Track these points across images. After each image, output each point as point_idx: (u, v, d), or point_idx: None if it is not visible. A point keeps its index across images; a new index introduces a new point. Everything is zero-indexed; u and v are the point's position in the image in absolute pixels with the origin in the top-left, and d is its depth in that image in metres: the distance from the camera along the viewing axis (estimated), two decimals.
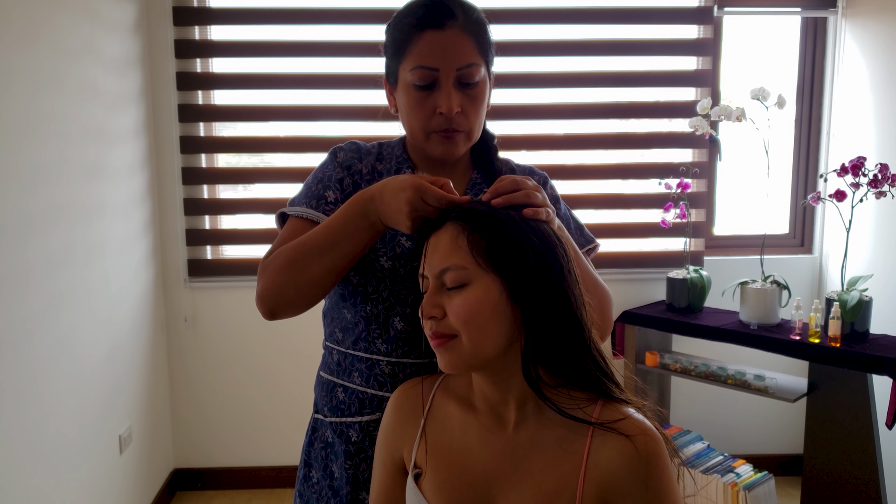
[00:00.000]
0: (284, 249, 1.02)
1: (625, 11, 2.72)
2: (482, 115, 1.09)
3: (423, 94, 1.04)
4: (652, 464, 0.82)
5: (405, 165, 1.13)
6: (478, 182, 1.14)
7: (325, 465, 1.17)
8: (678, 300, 2.61)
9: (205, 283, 2.77)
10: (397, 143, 1.18)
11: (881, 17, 2.58)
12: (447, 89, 1.03)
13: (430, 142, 1.07)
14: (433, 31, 1.02)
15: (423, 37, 1.03)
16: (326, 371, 1.18)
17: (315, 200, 1.10)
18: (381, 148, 1.18)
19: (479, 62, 1.05)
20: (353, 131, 2.75)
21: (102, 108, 2.26)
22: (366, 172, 1.13)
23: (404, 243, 1.08)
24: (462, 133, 1.07)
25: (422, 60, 1.03)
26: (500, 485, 0.89)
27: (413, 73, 1.04)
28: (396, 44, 1.07)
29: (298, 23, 2.68)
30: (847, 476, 2.27)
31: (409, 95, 1.06)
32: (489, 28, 1.09)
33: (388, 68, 1.11)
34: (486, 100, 1.10)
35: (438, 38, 1.02)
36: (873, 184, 2.17)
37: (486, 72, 1.08)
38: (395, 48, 1.07)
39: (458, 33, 1.03)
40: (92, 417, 2.16)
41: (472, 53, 1.04)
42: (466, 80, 1.04)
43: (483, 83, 1.07)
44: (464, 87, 1.05)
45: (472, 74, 1.04)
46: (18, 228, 1.77)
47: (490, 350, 0.85)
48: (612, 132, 2.82)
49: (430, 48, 1.02)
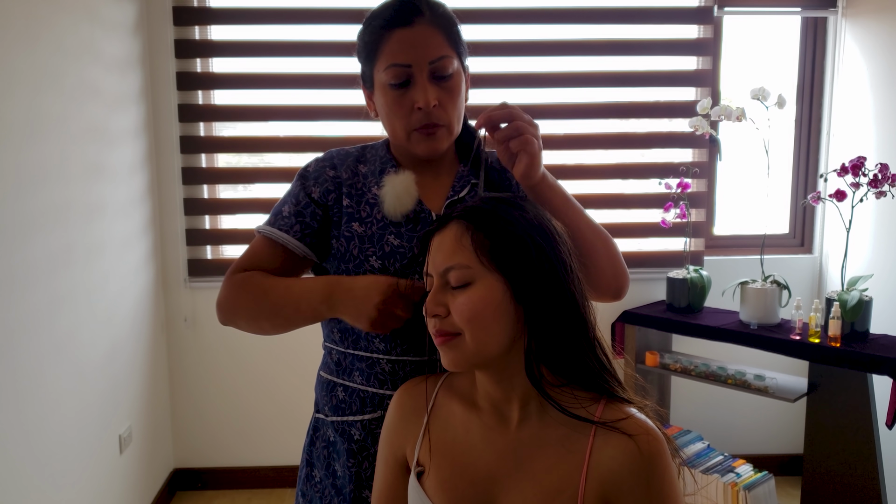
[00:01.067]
0: (248, 285, 1.10)
1: (625, 11, 2.73)
2: (460, 108, 1.10)
3: (399, 92, 1.05)
4: (654, 463, 0.83)
5: (389, 165, 1.14)
6: (465, 175, 1.15)
7: (327, 464, 1.17)
8: (678, 300, 2.61)
9: (205, 283, 2.77)
10: (381, 145, 1.19)
11: (881, 17, 2.58)
12: (422, 84, 1.04)
13: (412, 141, 1.08)
14: (402, 29, 1.04)
15: (393, 36, 1.04)
16: (326, 371, 1.18)
17: (274, 217, 1.15)
18: (365, 150, 1.19)
19: (451, 54, 1.06)
20: (353, 131, 2.75)
21: (102, 108, 2.26)
22: (346, 178, 1.14)
23: (392, 242, 1.09)
24: (442, 127, 1.07)
25: (394, 59, 1.04)
26: (503, 483, 0.89)
27: (387, 72, 1.05)
28: (368, 47, 1.08)
29: (299, 23, 2.68)
30: (847, 476, 2.27)
31: (385, 96, 1.07)
32: (457, 22, 1.10)
33: (364, 73, 1.13)
34: (463, 92, 1.11)
35: (408, 35, 1.03)
36: (873, 184, 2.17)
37: (460, 64, 1.09)
38: (368, 52, 1.08)
39: (426, 28, 1.04)
40: (92, 417, 2.16)
41: (442, 46, 1.05)
42: (440, 73, 1.05)
43: (457, 75, 1.08)
44: (438, 80, 1.06)
45: (446, 67, 1.05)
46: (18, 228, 1.77)
47: (493, 349, 0.86)
48: (612, 132, 2.82)
49: (400, 46, 1.04)
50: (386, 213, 1.09)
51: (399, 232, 1.09)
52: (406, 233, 1.09)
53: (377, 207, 1.11)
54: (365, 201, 1.12)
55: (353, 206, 1.12)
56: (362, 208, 1.11)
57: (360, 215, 1.11)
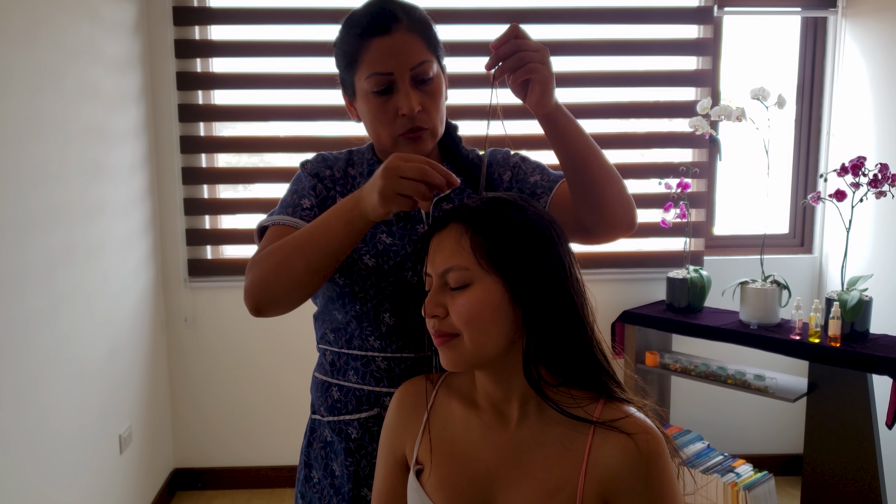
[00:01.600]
0: (271, 247, 1.02)
1: (625, 11, 2.73)
2: (443, 110, 1.11)
3: (381, 99, 1.06)
4: (653, 462, 0.83)
5: (376, 167, 1.14)
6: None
7: (325, 465, 1.17)
8: (678, 300, 2.61)
9: (205, 283, 2.77)
10: (367, 148, 1.19)
11: (881, 17, 2.58)
12: (405, 90, 1.04)
13: (398, 146, 1.08)
14: (380, 37, 1.04)
15: (372, 44, 1.04)
16: (321, 372, 1.19)
17: (291, 209, 1.11)
18: (352, 154, 1.19)
19: (430, 58, 1.06)
20: (353, 131, 2.75)
21: (102, 108, 2.26)
22: (339, 177, 1.15)
23: (385, 240, 1.09)
24: (427, 130, 1.08)
25: (375, 67, 1.04)
26: (502, 481, 0.89)
27: (369, 80, 1.05)
28: (347, 57, 1.08)
29: (299, 23, 2.68)
30: (847, 476, 2.27)
31: (369, 104, 1.07)
32: (433, 24, 1.10)
33: (343, 81, 1.12)
34: (444, 93, 1.11)
35: (387, 44, 1.03)
36: (873, 184, 2.17)
37: (439, 66, 1.10)
38: (347, 61, 1.08)
39: (404, 35, 1.04)
40: (92, 417, 2.16)
41: (422, 51, 1.05)
42: (422, 77, 1.06)
43: (438, 78, 1.08)
44: (420, 84, 1.06)
45: (426, 71, 1.06)
46: (19, 228, 1.77)
47: (491, 350, 0.86)
48: (612, 132, 2.82)
49: (380, 55, 1.04)
50: None
51: (391, 230, 1.10)
52: (398, 231, 1.10)
53: None
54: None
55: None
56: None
57: None
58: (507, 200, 0.90)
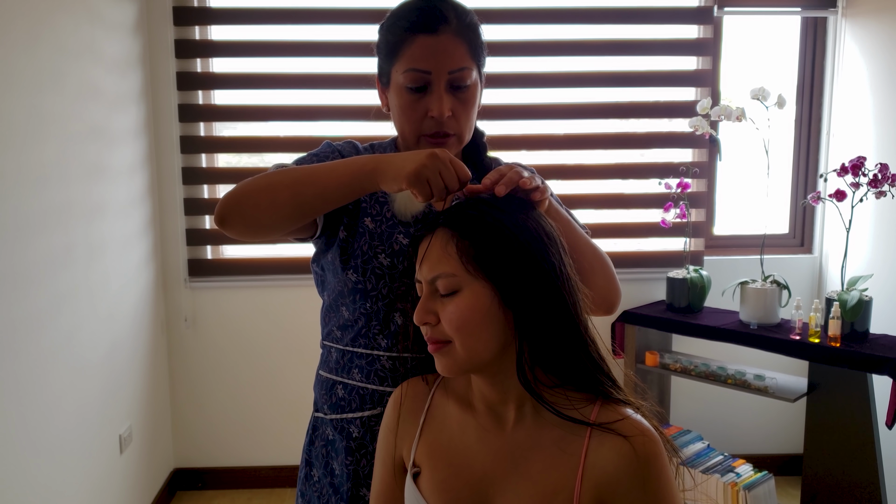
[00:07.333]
0: (270, 170, 1.01)
1: (625, 11, 2.72)
2: (473, 118, 1.10)
3: (414, 96, 1.05)
4: (650, 464, 0.82)
5: None
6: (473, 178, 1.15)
7: (325, 463, 1.17)
8: (678, 300, 2.61)
9: (205, 282, 2.77)
10: (389, 144, 1.19)
11: (881, 17, 2.58)
12: (439, 93, 1.04)
13: (420, 146, 1.08)
14: (426, 35, 1.03)
15: (416, 40, 1.03)
16: (325, 370, 1.19)
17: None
18: (374, 149, 1.19)
19: (471, 66, 1.06)
20: (353, 131, 2.75)
21: (103, 108, 2.26)
22: None
23: (402, 241, 1.09)
24: (453, 137, 1.07)
25: (414, 63, 1.03)
26: (498, 484, 0.89)
27: (405, 75, 1.04)
28: (389, 46, 1.07)
29: (299, 23, 2.68)
30: (847, 476, 2.27)
31: (400, 98, 1.07)
32: (482, 31, 1.10)
33: (381, 68, 1.12)
34: (478, 102, 1.11)
35: (431, 43, 1.03)
36: (873, 184, 2.17)
37: (478, 74, 1.09)
38: (388, 50, 1.07)
39: (450, 38, 1.03)
40: (92, 417, 2.16)
41: (464, 57, 1.05)
42: (458, 84, 1.05)
43: (474, 86, 1.08)
44: (455, 90, 1.06)
45: (464, 78, 1.05)
46: (19, 228, 1.77)
47: (484, 355, 0.86)
48: (612, 132, 2.82)
49: (422, 52, 1.03)
50: (396, 214, 1.10)
51: (408, 231, 1.10)
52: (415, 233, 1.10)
53: (387, 206, 1.11)
54: (375, 199, 1.13)
55: (367, 200, 1.12)
56: (373, 205, 1.12)
57: (371, 211, 1.11)
58: (494, 202, 0.88)
